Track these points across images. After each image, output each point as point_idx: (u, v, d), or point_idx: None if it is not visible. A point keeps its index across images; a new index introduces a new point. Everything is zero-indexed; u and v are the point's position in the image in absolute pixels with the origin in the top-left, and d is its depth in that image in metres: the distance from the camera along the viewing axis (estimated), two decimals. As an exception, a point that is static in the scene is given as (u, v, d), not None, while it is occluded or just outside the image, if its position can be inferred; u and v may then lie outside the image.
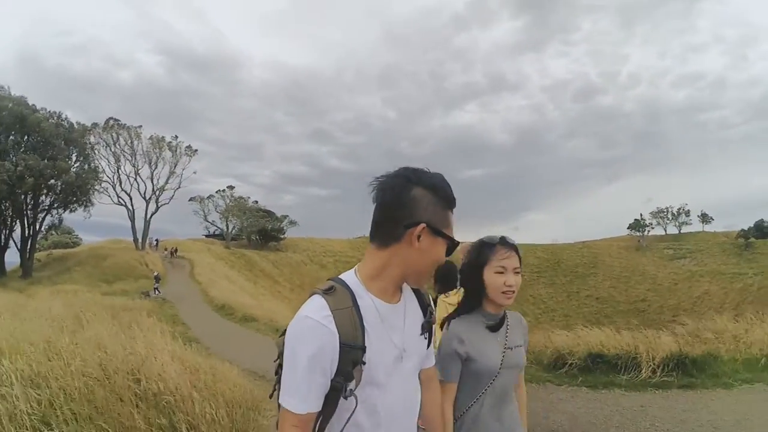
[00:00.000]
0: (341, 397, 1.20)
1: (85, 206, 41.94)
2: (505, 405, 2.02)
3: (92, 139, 44.84)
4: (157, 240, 58.12)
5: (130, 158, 48.61)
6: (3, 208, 36.37)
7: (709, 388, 5.86)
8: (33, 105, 37.60)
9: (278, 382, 1.29)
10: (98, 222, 46.87)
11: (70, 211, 41.94)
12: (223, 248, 61.08)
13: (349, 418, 1.21)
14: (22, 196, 35.70)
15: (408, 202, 1.25)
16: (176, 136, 52.64)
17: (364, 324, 1.22)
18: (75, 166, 40.02)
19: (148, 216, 51.33)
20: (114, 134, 46.82)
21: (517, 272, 1.99)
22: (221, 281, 30.79)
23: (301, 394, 1.16)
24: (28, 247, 38.77)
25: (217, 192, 69.09)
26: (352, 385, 1.19)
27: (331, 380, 1.19)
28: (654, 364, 6.29)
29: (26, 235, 38.83)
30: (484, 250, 1.98)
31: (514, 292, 1.96)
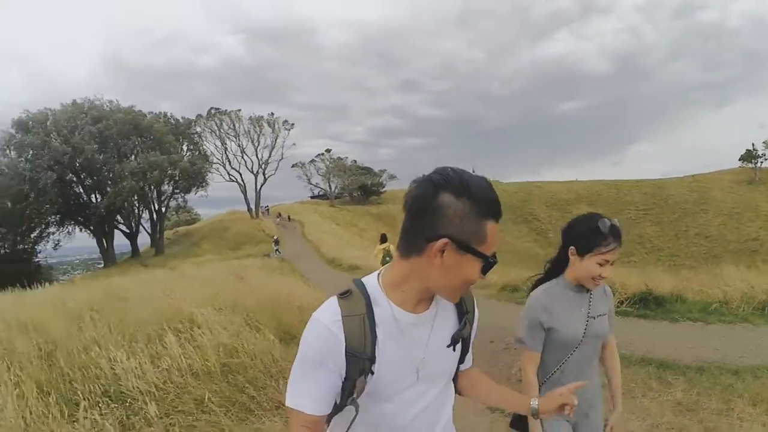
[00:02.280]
0: (343, 403, 1.16)
1: (202, 187, 48.74)
2: (588, 373, 2.03)
3: (198, 128, 51.94)
4: (267, 207, 64.74)
5: (234, 139, 55.65)
6: (132, 200, 43.08)
7: (657, 320, 7.47)
8: (140, 110, 44.73)
9: None
10: (213, 197, 53.54)
11: (191, 193, 49.13)
12: (329, 207, 66.40)
13: (349, 427, 1.18)
14: (147, 188, 42.40)
15: (431, 211, 1.07)
16: (272, 113, 58.72)
17: (377, 333, 1.15)
18: (187, 155, 46.83)
19: (258, 188, 58.09)
20: (217, 121, 53.60)
21: (612, 264, 1.94)
22: (329, 238, 34.39)
23: (311, 395, 1.14)
24: (158, 229, 46.31)
25: (317, 156, 74.84)
26: (354, 393, 1.15)
27: (342, 382, 1.15)
28: (623, 297, 8.05)
29: (154, 219, 46.36)
30: (593, 237, 1.89)
31: (603, 281, 1.97)
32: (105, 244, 42.86)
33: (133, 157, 41.04)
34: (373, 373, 1.14)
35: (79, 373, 4.11)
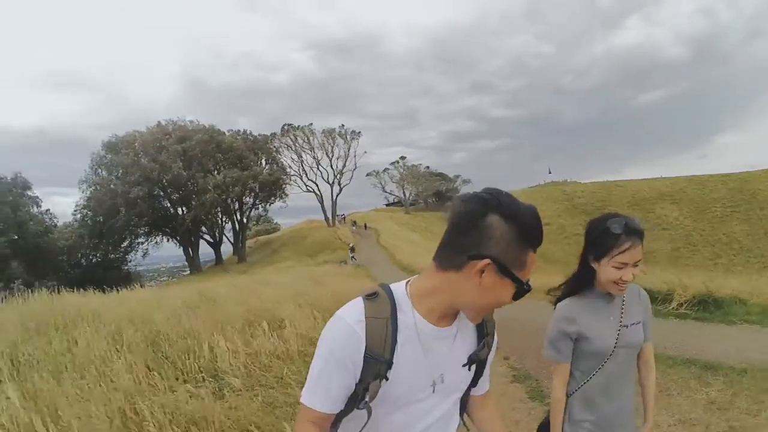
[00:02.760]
0: (355, 406, 1.18)
1: (281, 198, 52.45)
2: (620, 385, 1.93)
3: (275, 143, 55.29)
4: (344, 215, 66.49)
5: (309, 152, 58.04)
6: (215, 212, 46.77)
7: (714, 322, 7.37)
8: (219, 129, 48.73)
9: None
10: (291, 207, 56.13)
11: (270, 204, 53.01)
12: (403, 214, 67.17)
13: (361, 430, 1.19)
14: (230, 200, 45.89)
15: (478, 230, 1.09)
16: (343, 125, 60.46)
17: (397, 339, 1.16)
18: (266, 169, 50.26)
19: (334, 197, 60.27)
20: (291, 136, 56.49)
21: (637, 264, 1.80)
22: (404, 245, 34.92)
23: (324, 394, 1.16)
24: (240, 238, 49.60)
25: (391, 164, 75.60)
26: (367, 397, 1.15)
27: (355, 384, 1.17)
28: (683, 299, 8.08)
29: (237, 229, 49.71)
30: (605, 240, 1.78)
31: (626, 286, 1.83)
32: (191, 253, 46.51)
33: (216, 172, 44.34)
34: (387, 378, 1.15)
35: (180, 355, 4.73)
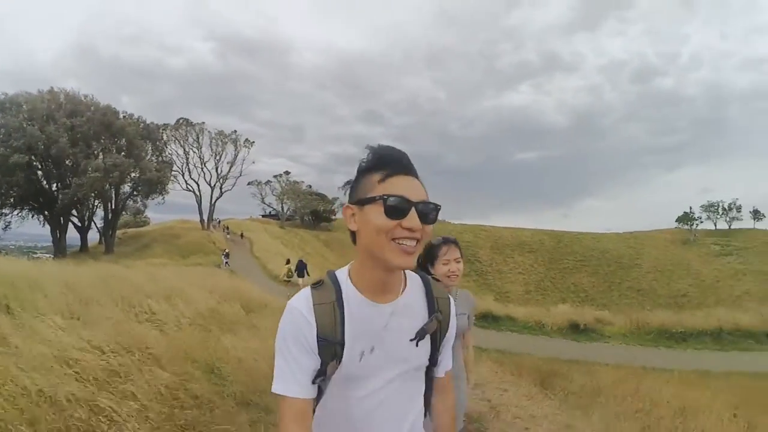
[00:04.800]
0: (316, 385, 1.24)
1: (162, 194, 50.87)
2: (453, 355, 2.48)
3: (164, 136, 54.15)
4: (219, 220, 66.83)
5: (196, 151, 57.85)
6: (93, 196, 44.80)
7: (582, 342, 11.41)
8: (114, 108, 46.57)
9: None
10: (165, 202, 55.22)
11: (151, 198, 51.29)
12: (278, 228, 68.58)
13: (314, 409, 1.26)
14: (109, 186, 44.05)
15: (348, 199, 1.28)
16: (236, 131, 61.20)
17: (345, 319, 1.23)
18: (153, 160, 48.87)
19: (213, 200, 60.42)
20: (183, 132, 56.20)
21: (458, 260, 2.70)
22: (275, 257, 37.10)
23: (296, 380, 1.20)
24: (111, 227, 47.89)
25: (274, 177, 77.57)
26: (324, 378, 1.24)
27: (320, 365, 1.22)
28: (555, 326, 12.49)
29: (109, 217, 47.89)
30: (432, 250, 2.68)
31: (457, 275, 2.69)
32: (58, 234, 44.12)
33: (101, 155, 42.99)
34: (342, 357, 1.22)
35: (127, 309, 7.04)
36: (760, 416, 5.45)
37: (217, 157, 59.31)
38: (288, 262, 23.05)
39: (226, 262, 30.75)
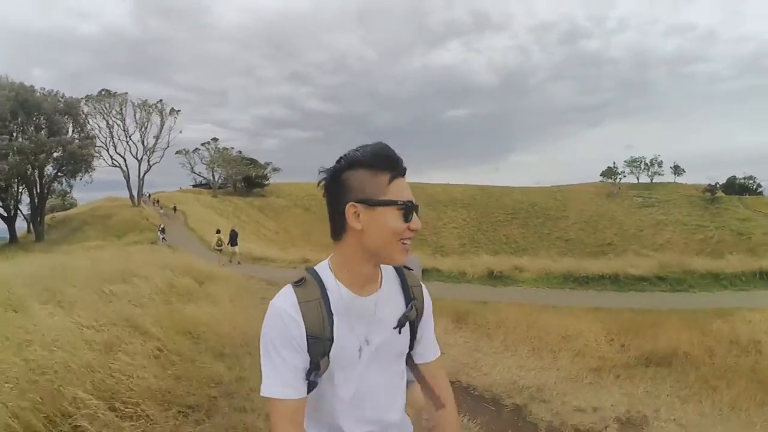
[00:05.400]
0: (308, 381, 1.24)
1: (88, 172, 48.96)
2: None
3: (86, 109, 51.89)
4: (149, 194, 65.68)
5: (120, 123, 56.24)
6: (14, 182, 42.93)
7: (498, 287, 12.92)
8: (31, 86, 44.12)
9: None
10: (88, 181, 52.73)
11: (78, 178, 49.08)
12: (211, 197, 68.36)
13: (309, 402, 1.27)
14: (31, 169, 42.31)
15: (338, 190, 1.25)
16: (161, 100, 59.96)
17: (333, 315, 1.25)
18: (74, 137, 46.85)
19: (141, 175, 59.14)
20: (106, 104, 54.15)
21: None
22: (211, 228, 37.59)
23: (285, 381, 1.20)
24: (39, 213, 45.88)
25: (202, 144, 76.51)
26: (317, 373, 1.24)
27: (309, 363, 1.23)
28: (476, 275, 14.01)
29: (36, 203, 45.79)
30: None
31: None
32: (-17, 229, 41.92)
33: (18, 135, 41.20)
34: (330, 353, 1.24)
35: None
36: (633, 339, 6.69)
37: (143, 129, 58.04)
38: (218, 231, 24.01)
39: (163, 238, 30.98)
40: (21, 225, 48.41)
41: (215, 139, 77.69)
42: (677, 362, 5.73)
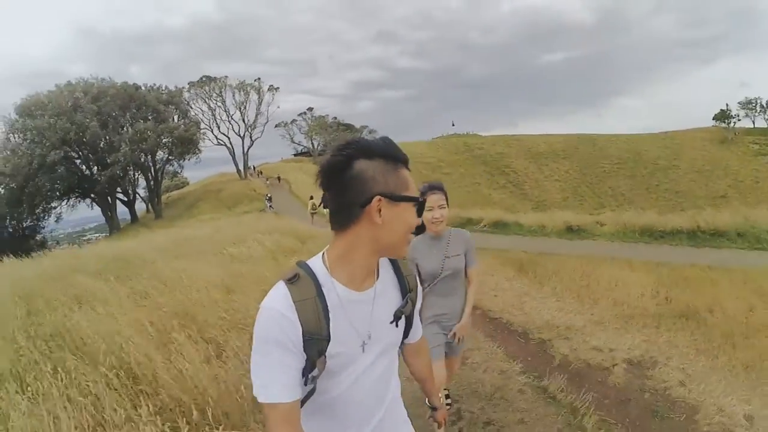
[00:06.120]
0: (307, 386, 1.24)
1: (196, 153, 53.29)
2: (448, 294, 3.13)
3: (187, 95, 56.99)
4: (254, 167, 70.35)
5: (221, 105, 60.78)
6: (130, 169, 47.81)
7: (574, 240, 13.64)
8: (134, 84, 49.11)
9: None
10: (200, 160, 57.53)
11: (187, 159, 53.57)
12: (312, 164, 71.04)
13: (303, 403, 1.26)
14: (143, 155, 47.05)
15: (354, 180, 1.21)
16: (259, 78, 63.39)
17: (329, 313, 1.24)
18: (180, 122, 51.31)
19: (245, 150, 63.73)
20: (207, 89, 58.82)
21: (442, 206, 2.90)
22: (316, 194, 39.95)
23: (280, 383, 1.18)
24: (156, 194, 51.35)
25: (299, 115, 79.93)
26: (315, 372, 1.23)
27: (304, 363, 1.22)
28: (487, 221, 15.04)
29: (152, 185, 51.26)
30: None
31: (441, 220, 2.91)
32: (109, 213, 47.69)
33: (128, 128, 45.40)
34: (327, 352, 1.23)
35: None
36: (680, 293, 7.01)
37: (243, 108, 61.92)
38: (311, 197, 26.97)
39: (270, 206, 33.22)
40: (140, 207, 54.58)
41: (311, 109, 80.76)
42: (711, 318, 6.00)
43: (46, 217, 46.98)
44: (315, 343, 1.21)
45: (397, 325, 1.42)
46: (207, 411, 3.10)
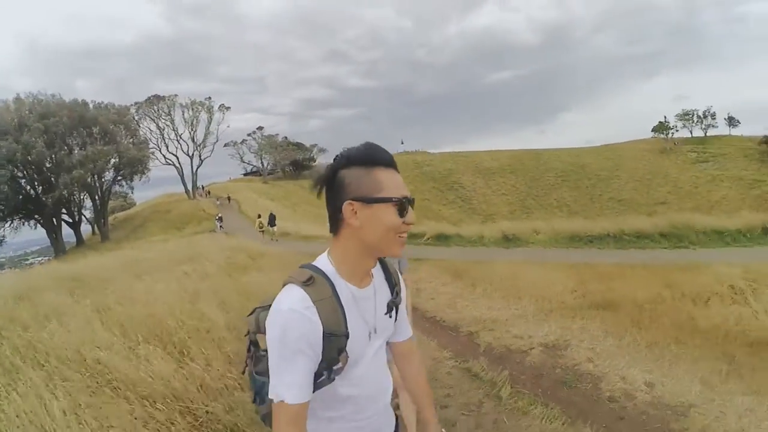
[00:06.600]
0: (326, 379, 1.31)
1: (144, 173, 53.17)
2: None
3: (136, 115, 56.47)
4: (202, 186, 69.96)
5: (170, 124, 60.65)
6: (78, 190, 47.13)
7: (510, 248, 14.45)
8: (83, 101, 48.57)
9: (250, 358, 1.53)
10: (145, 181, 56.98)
11: (138, 180, 53.41)
12: (261, 183, 71.76)
13: (320, 388, 1.32)
14: (91, 177, 46.35)
15: (336, 189, 1.32)
16: (209, 98, 63.79)
17: (345, 310, 1.31)
18: (128, 141, 51.04)
19: (194, 169, 63.75)
20: (155, 108, 58.54)
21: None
22: (265, 213, 40.18)
23: (293, 384, 1.23)
24: (102, 216, 50.42)
25: (248, 135, 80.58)
26: (337, 366, 1.30)
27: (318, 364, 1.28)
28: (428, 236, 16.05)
29: (98, 206, 50.27)
30: None
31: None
32: (54, 235, 46.59)
33: (78, 149, 44.99)
34: (347, 348, 1.31)
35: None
36: (596, 289, 7.82)
37: (192, 127, 62.13)
38: (259, 216, 29.02)
39: (221, 226, 33.18)
40: (85, 228, 53.44)
41: (260, 128, 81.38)
42: (622, 307, 6.78)
43: (-13, 239, 45.51)
44: (335, 341, 1.28)
45: (391, 316, 1.52)
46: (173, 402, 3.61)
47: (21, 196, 44.33)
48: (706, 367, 4.87)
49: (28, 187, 45.58)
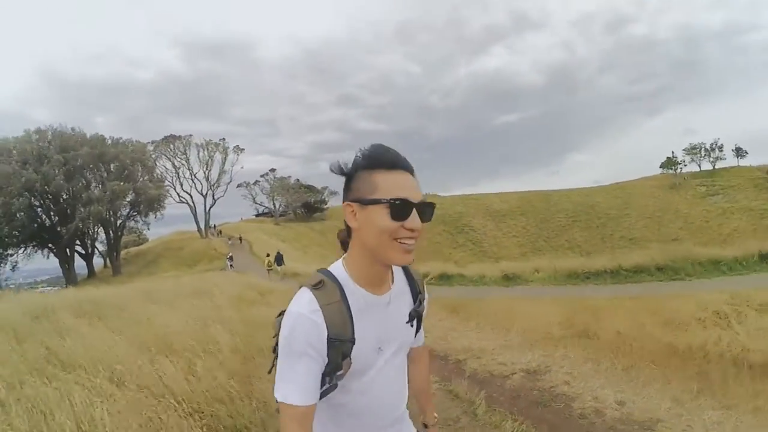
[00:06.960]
0: (328, 385, 1.29)
1: (160, 210, 54.40)
2: None
3: (151, 151, 57.74)
4: (214, 225, 70.97)
5: (185, 163, 62.24)
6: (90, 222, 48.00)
7: (510, 286, 14.93)
8: (102, 136, 50.06)
9: (276, 358, 1.38)
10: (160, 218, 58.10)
11: (154, 217, 54.64)
12: (273, 225, 72.59)
13: (325, 395, 1.31)
14: (108, 212, 47.64)
15: (345, 193, 1.33)
16: (224, 139, 65.53)
17: (353, 316, 1.30)
18: (144, 179, 52.39)
19: (207, 209, 64.98)
20: (172, 147, 60.18)
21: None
22: (272, 252, 40.92)
23: (298, 386, 1.23)
24: (115, 250, 51.58)
25: (261, 176, 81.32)
26: (340, 372, 1.29)
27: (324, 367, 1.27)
28: (431, 276, 16.29)
29: (112, 241, 51.42)
30: None
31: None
32: (67, 265, 47.48)
33: (99, 185, 46.40)
34: (352, 354, 1.29)
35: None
36: (582, 321, 8.05)
37: (207, 167, 63.43)
38: (268, 255, 29.73)
39: (231, 265, 33.97)
40: (97, 261, 54.34)
41: (273, 170, 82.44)
42: (604, 336, 7.07)
43: (2, 265, 46.33)
44: (340, 345, 1.27)
45: (412, 325, 1.49)
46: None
47: (36, 225, 45.39)
48: (678, 386, 5.10)
49: (44, 216, 46.70)
